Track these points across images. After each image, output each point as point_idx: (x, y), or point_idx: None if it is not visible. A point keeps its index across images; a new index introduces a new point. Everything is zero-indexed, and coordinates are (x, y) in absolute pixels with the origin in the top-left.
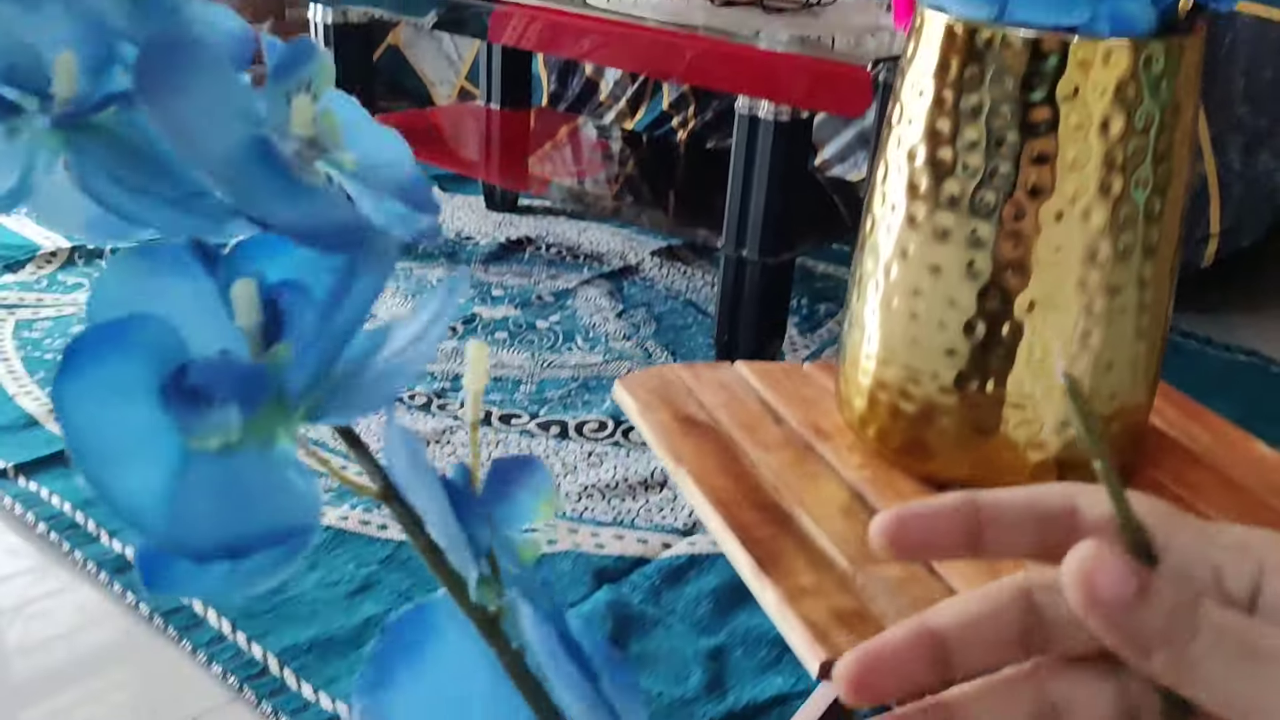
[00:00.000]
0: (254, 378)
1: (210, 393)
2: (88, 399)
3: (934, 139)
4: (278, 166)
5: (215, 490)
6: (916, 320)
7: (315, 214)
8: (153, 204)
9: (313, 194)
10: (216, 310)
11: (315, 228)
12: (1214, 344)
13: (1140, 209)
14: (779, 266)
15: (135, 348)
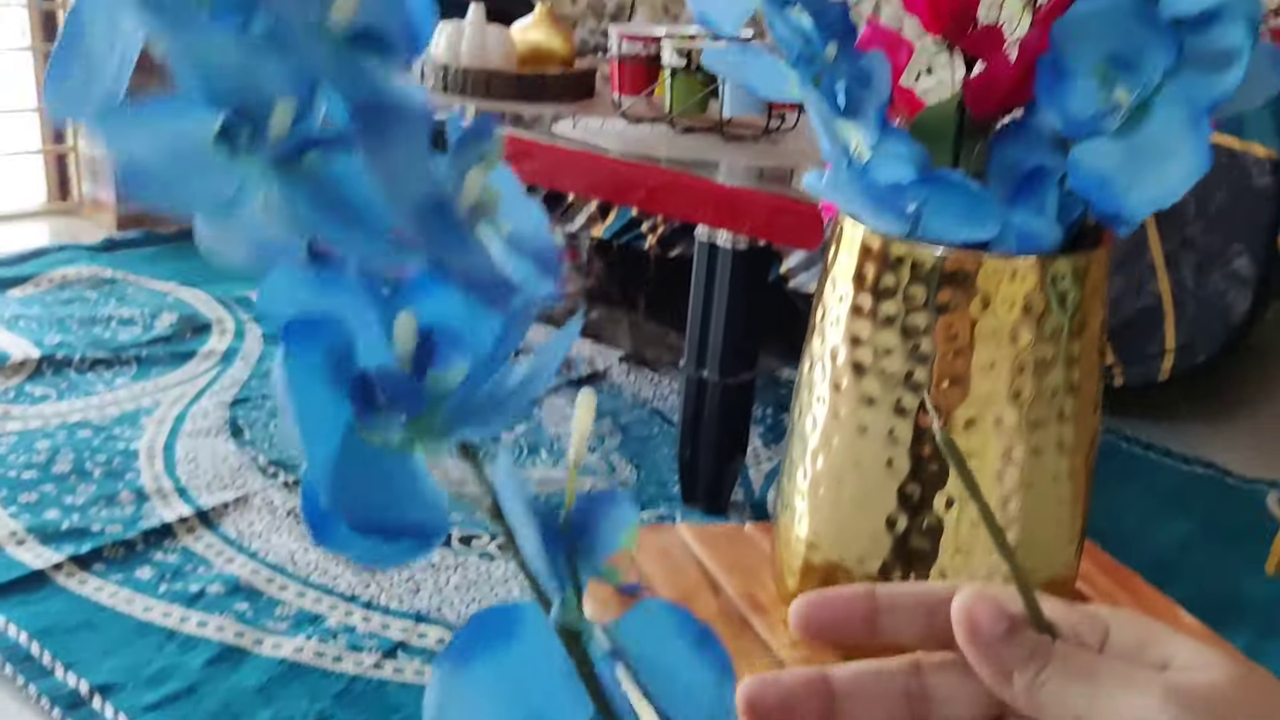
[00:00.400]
0: (419, 395)
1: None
2: (301, 372)
3: (853, 342)
4: (456, 222)
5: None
6: (841, 510)
7: (480, 268)
8: (343, 236)
9: (479, 251)
10: (375, 332)
11: (481, 279)
12: (1173, 455)
13: (1051, 411)
14: (739, 386)
15: (327, 342)
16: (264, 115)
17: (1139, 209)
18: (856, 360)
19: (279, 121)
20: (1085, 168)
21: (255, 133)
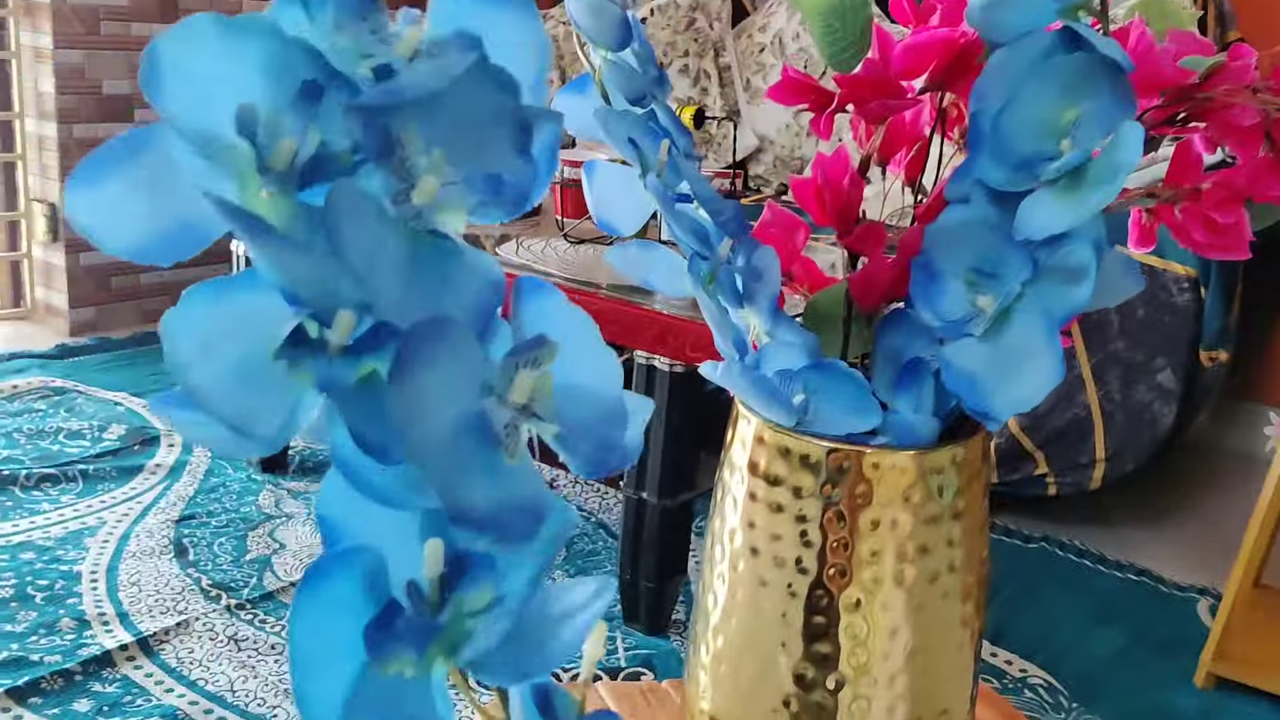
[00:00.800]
0: (434, 630)
1: (400, 634)
2: (313, 610)
3: (749, 525)
4: (483, 444)
5: (377, 708)
6: (740, 688)
7: (503, 496)
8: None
9: (506, 474)
10: (413, 548)
11: (498, 515)
12: (1108, 562)
13: (935, 593)
14: (679, 507)
15: (355, 574)
16: (329, 321)
17: (1005, 409)
18: (752, 544)
19: (340, 329)
20: (956, 367)
21: (320, 339)
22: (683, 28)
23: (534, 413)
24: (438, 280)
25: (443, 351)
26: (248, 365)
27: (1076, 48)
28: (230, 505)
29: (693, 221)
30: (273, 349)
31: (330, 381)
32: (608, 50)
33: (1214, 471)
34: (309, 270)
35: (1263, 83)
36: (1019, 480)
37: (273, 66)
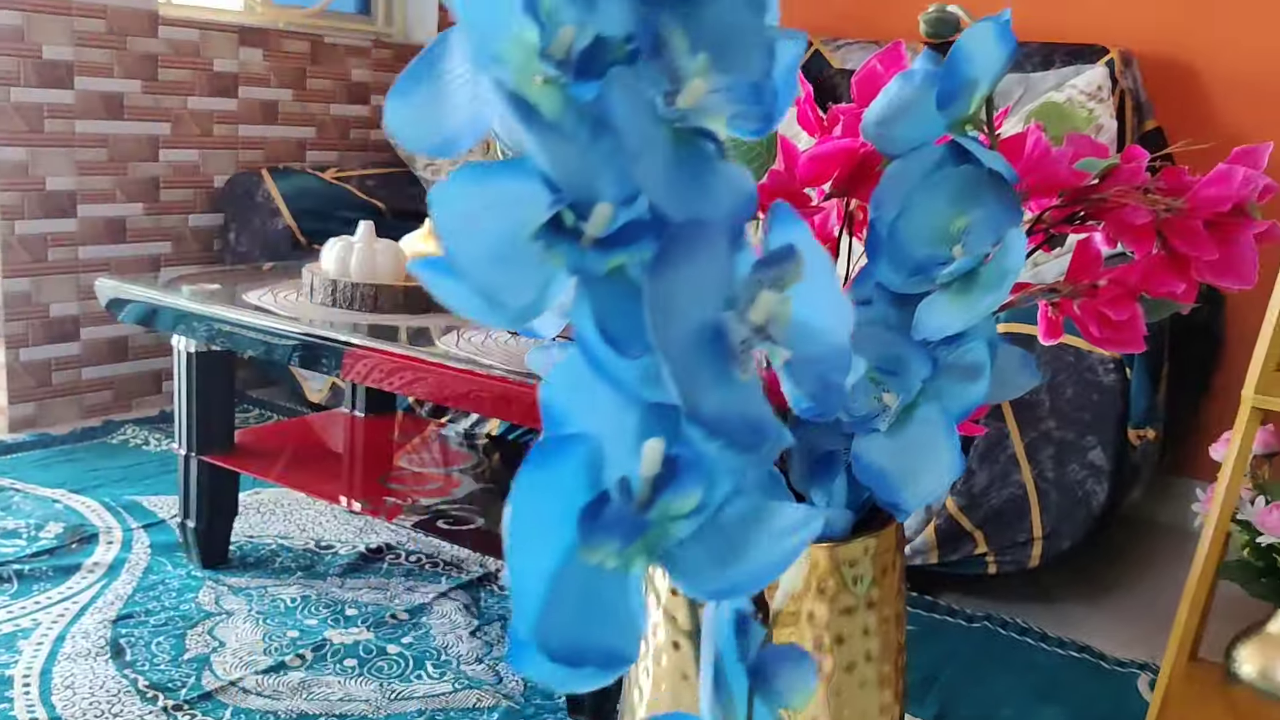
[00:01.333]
0: (640, 526)
1: (608, 525)
2: (533, 488)
3: (670, 620)
4: (720, 355)
5: (576, 594)
6: None
7: (733, 408)
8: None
9: (738, 388)
10: (631, 445)
11: (727, 423)
12: (1049, 639)
13: (853, 681)
14: None
15: (575, 459)
16: (585, 213)
17: (914, 501)
18: (674, 638)
19: (596, 224)
20: (865, 461)
21: (574, 228)
22: None
23: (769, 335)
24: (697, 184)
25: (700, 254)
26: (506, 242)
27: (964, 160)
28: (169, 603)
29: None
30: (531, 231)
31: (582, 268)
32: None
33: (1150, 546)
34: (575, 160)
35: (1154, 183)
36: (959, 560)
37: None
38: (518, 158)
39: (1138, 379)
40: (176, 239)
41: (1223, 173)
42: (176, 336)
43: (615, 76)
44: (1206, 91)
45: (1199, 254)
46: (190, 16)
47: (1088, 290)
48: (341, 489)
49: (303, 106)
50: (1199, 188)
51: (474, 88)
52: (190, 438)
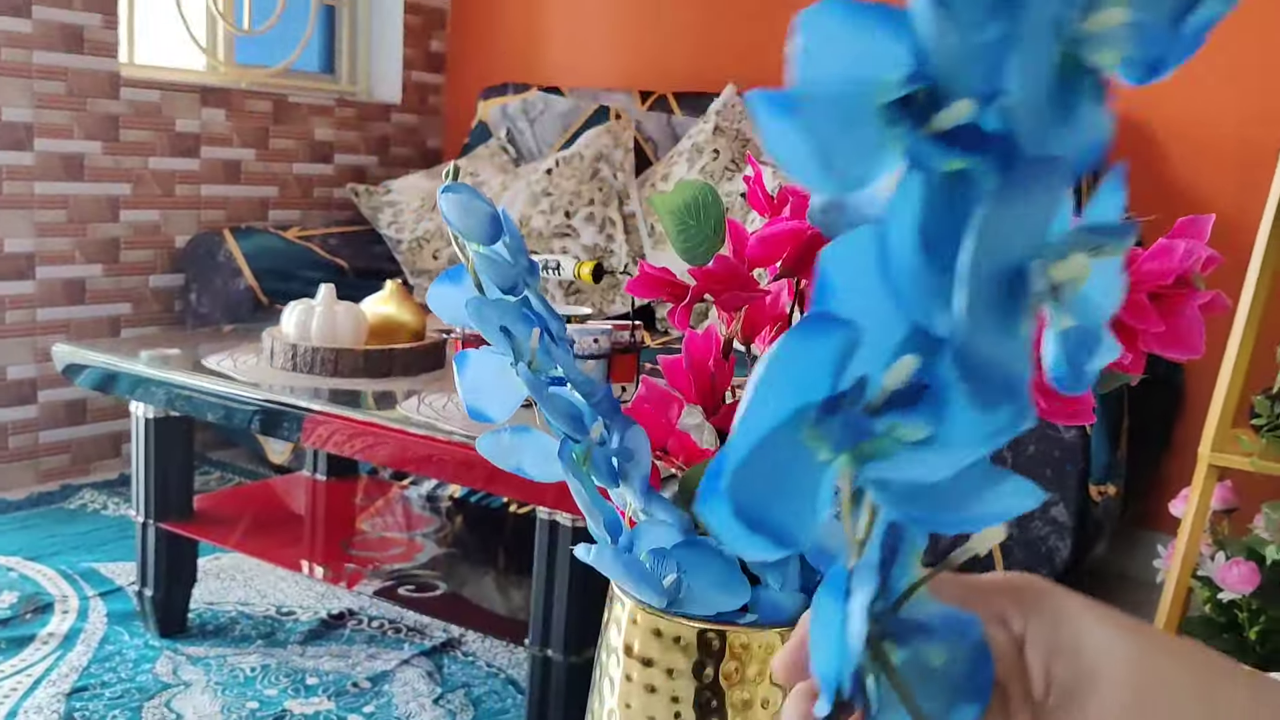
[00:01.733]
0: (866, 433)
1: (839, 416)
2: (788, 354)
3: (625, 707)
4: (1015, 302)
5: (778, 464)
6: None
7: (1000, 358)
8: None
9: (1013, 341)
10: (886, 351)
11: (988, 372)
12: None
13: None
14: (585, 663)
15: (835, 338)
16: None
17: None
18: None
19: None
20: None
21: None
22: (588, 177)
23: (1059, 297)
24: (1064, 118)
25: (1039, 195)
26: (853, 95)
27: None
28: (126, 675)
29: (566, 404)
30: (881, 97)
31: (919, 158)
32: (479, 244)
33: (1116, 600)
34: (955, 38)
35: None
36: None
37: None
38: (902, 10)
39: (1098, 435)
40: (137, 300)
41: (1164, 246)
42: (135, 402)
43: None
44: (1156, 143)
45: (1145, 326)
46: (152, 78)
47: (1036, 363)
48: (302, 555)
49: (265, 166)
50: (1142, 261)
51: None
52: (148, 504)
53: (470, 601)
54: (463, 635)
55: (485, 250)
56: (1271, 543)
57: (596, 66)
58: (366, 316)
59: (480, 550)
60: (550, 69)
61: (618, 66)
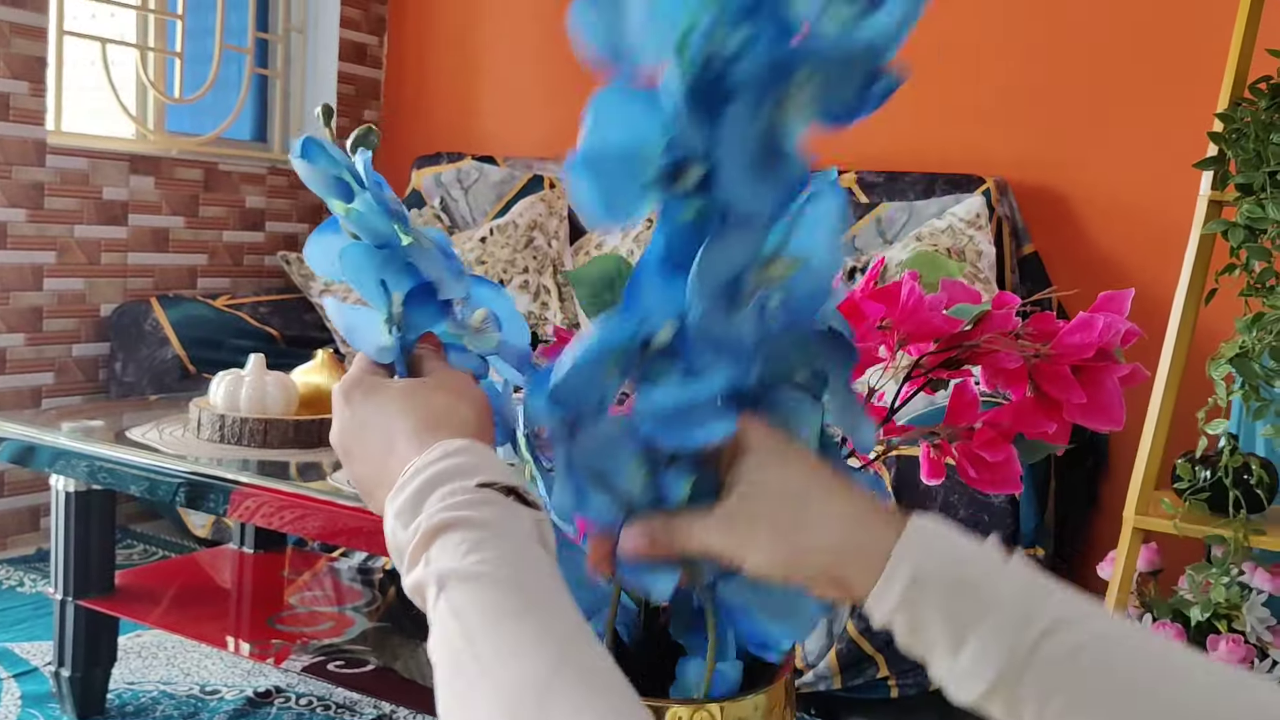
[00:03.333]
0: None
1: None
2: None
3: None
4: (736, 297)
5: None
6: None
7: (724, 333)
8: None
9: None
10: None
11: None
12: None
13: None
14: None
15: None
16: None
17: (782, 638)
18: None
19: (689, 178)
20: (729, 602)
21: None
22: (522, 246)
23: (771, 281)
24: (770, 170)
25: (748, 231)
26: (627, 160)
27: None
28: None
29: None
30: (647, 162)
31: (667, 207)
32: (340, 202)
33: None
34: (691, 129)
35: (1024, 329)
36: (862, 684)
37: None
38: (658, 97)
39: (1026, 499)
40: (59, 369)
41: (1085, 320)
42: (55, 475)
43: (741, 100)
44: (1079, 217)
45: (1067, 398)
46: (80, 145)
47: (964, 433)
48: (228, 630)
49: (195, 234)
50: (1063, 335)
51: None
52: (67, 581)
53: (403, 676)
54: (394, 712)
55: (349, 207)
56: (1196, 604)
57: (530, 136)
58: (297, 386)
59: (413, 624)
60: (484, 138)
61: (552, 136)
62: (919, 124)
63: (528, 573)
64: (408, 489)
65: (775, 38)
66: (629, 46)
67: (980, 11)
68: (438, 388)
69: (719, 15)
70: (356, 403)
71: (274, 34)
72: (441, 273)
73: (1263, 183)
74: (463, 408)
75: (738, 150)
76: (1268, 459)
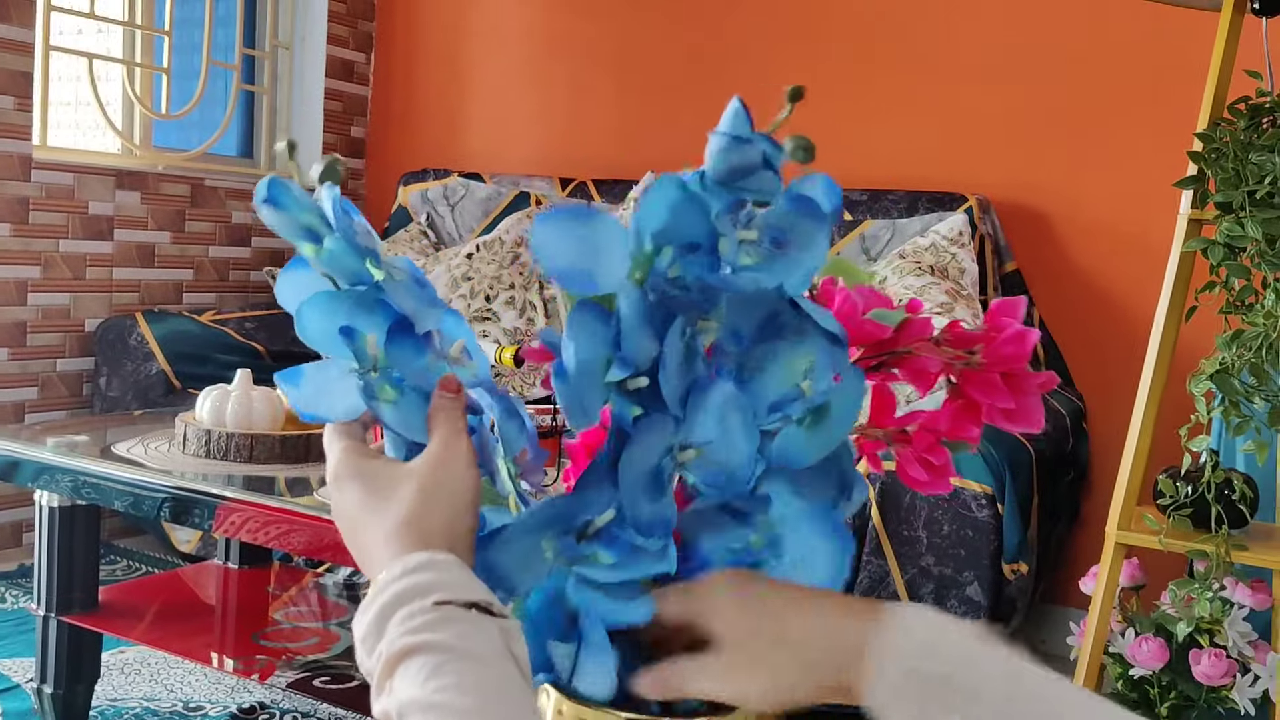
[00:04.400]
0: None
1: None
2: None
3: None
4: (659, 482)
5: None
6: None
7: (654, 514)
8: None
9: (659, 504)
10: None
11: (649, 521)
12: None
13: None
14: None
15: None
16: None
17: None
18: None
19: (634, 383)
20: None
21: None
22: (508, 262)
23: (684, 465)
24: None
25: (658, 436)
26: (593, 363)
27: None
28: None
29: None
30: (604, 370)
31: (618, 408)
32: (309, 245)
33: None
34: (638, 346)
35: (941, 335)
36: None
37: (681, 210)
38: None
39: (1010, 514)
40: (44, 385)
41: (1020, 333)
42: (39, 490)
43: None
44: (1060, 235)
45: (994, 401)
46: (65, 160)
47: (897, 436)
48: (212, 646)
49: (181, 249)
50: (999, 345)
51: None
52: (50, 597)
53: None
54: None
55: (319, 248)
56: (1179, 619)
57: (517, 153)
58: (283, 401)
59: None
60: (471, 156)
61: (538, 154)
62: (902, 142)
63: (490, 695)
64: (370, 612)
65: (706, 272)
66: (598, 272)
67: (964, 32)
68: (414, 480)
69: (668, 255)
70: (342, 492)
71: (261, 50)
72: (415, 305)
73: (1242, 201)
74: (437, 507)
75: (674, 362)
76: (1249, 475)
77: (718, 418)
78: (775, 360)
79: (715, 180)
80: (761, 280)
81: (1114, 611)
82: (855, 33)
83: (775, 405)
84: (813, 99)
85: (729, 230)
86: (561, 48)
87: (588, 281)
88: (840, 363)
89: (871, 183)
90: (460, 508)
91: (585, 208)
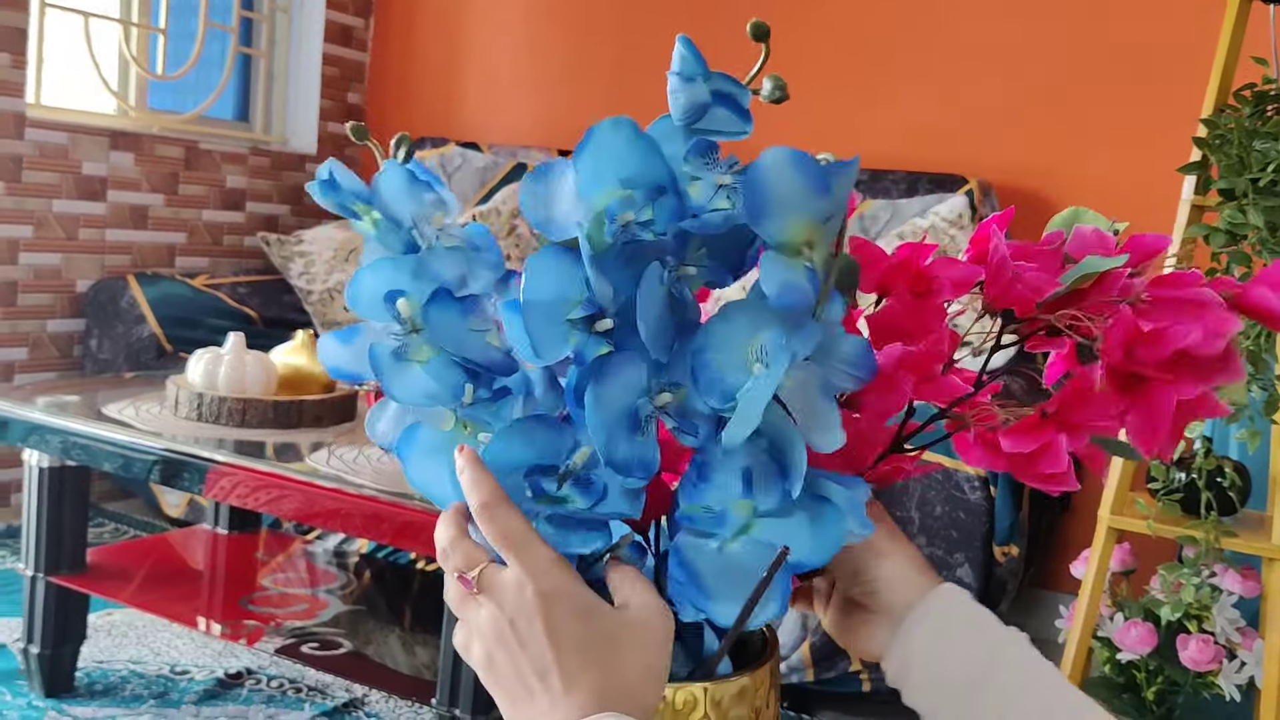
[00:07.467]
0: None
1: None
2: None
3: None
4: (635, 421)
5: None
6: None
7: (635, 457)
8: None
9: (637, 443)
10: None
11: (626, 463)
12: None
13: None
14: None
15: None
16: (599, 316)
17: (720, 617)
18: None
19: (601, 325)
20: (683, 558)
21: (590, 319)
22: (505, 233)
23: (664, 410)
24: (672, 318)
25: (631, 371)
26: (554, 308)
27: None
28: None
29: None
30: (569, 310)
31: (581, 345)
32: (368, 220)
33: None
34: (604, 288)
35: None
36: (835, 678)
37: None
38: (579, 256)
39: (1002, 497)
40: (34, 345)
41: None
42: (28, 450)
43: (651, 265)
44: None
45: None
46: (59, 119)
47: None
48: (199, 610)
49: (174, 212)
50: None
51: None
52: (38, 557)
53: (375, 660)
54: (367, 695)
55: (361, 227)
56: (1167, 604)
57: (514, 124)
58: (276, 367)
59: (386, 607)
60: (468, 125)
61: (535, 124)
62: (903, 123)
63: None
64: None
65: (674, 217)
66: (557, 218)
67: (967, 15)
68: (633, 647)
69: (627, 199)
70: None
71: (259, 13)
72: (463, 269)
73: (1245, 188)
74: (651, 684)
75: (650, 304)
76: (1241, 462)
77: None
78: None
79: (678, 123)
80: (736, 218)
81: (1104, 596)
82: (858, 11)
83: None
84: (814, 78)
85: (703, 173)
86: (560, 18)
87: (551, 228)
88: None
89: (872, 163)
90: (663, 663)
91: (561, 160)
